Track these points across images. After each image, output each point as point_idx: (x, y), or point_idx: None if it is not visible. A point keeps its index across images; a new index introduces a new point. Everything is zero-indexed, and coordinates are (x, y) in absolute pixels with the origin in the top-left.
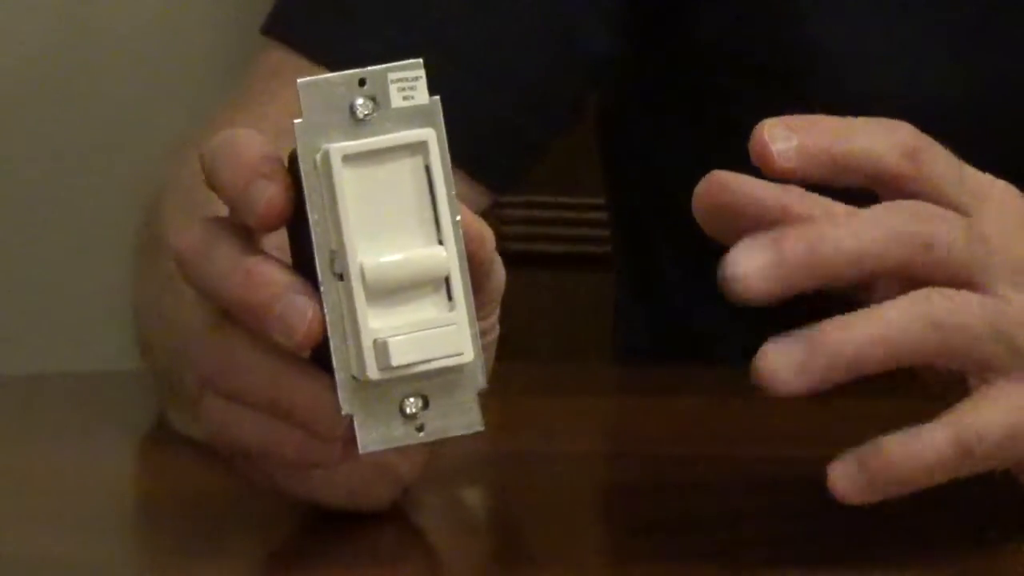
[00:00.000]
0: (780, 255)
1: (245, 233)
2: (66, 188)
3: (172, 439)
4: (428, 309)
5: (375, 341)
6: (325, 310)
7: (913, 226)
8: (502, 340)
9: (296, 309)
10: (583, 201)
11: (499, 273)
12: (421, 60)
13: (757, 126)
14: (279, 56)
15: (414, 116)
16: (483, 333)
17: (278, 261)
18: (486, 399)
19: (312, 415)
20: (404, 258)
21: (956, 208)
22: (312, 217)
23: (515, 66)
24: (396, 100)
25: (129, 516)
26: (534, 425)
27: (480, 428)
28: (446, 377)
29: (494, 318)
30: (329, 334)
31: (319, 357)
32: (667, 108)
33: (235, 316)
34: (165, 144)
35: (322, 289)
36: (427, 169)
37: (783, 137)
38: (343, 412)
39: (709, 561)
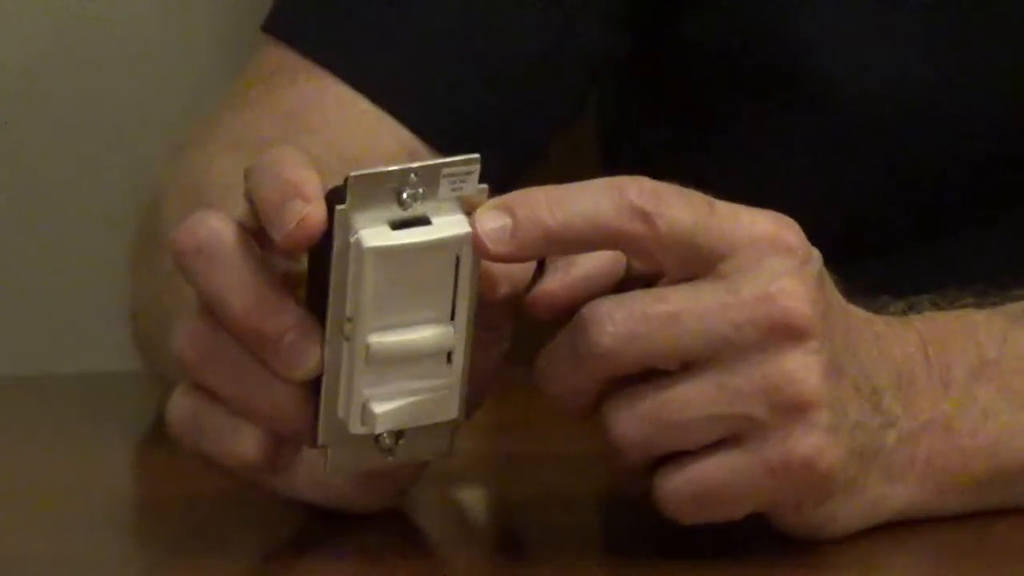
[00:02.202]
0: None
1: (255, 239)
2: (66, 188)
3: (171, 440)
4: (424, 375)
5: (364, 405)
6: (326, 350)
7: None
8: None
9: (301, 349)
10: None
11: (520, 297)
12: (478, 156)
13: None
14: (279, 54)
15: (459, 203)
16: (493, 345)
17: (288, 287)
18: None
19: (285, 418)
20: (412, 338)
21: (706, 258)
22: (333, 278)
23: (514, 61)
24: (444, 192)
25: (129, 516)
26: (534, 425)
27: (447, 456)
28: None
29: (506, 331)
30: (324, 371)
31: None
32: (665, 108)
33: (235, 334)
34: (165, 144)
35: (327, 335)
36: (456, 258)
37: (494, 218)
38: (319, 443)
39: (710, 561)
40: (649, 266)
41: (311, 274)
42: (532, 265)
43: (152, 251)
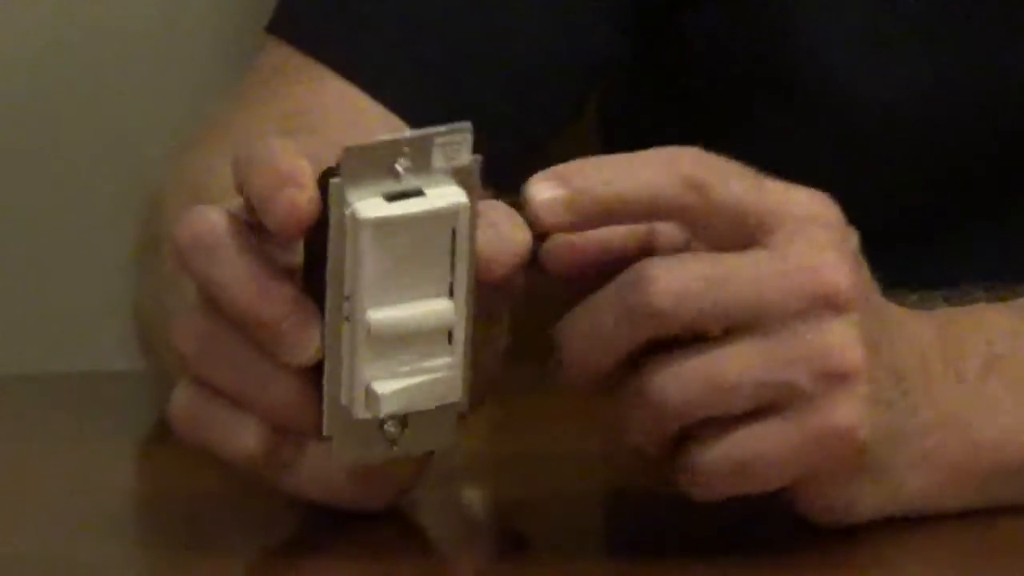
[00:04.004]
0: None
1: (251, 231)
2: (66, 188)
3: (173, 439)
4: (426, 355)
5: (367, 388)
6: (326, 335)
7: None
8: None
9: (302, 332)
10: None
11: (517, 283)
12: (470, 124)
13: (527, 182)
14: (281, 54)
15: (452, 173)
16: (492, 340)
17: (286, 275)
18: (485, 402)
19: (288, 411)
20: (411, 313)
21: (754, 230)
22: (331, 258)
23: (517, 62)
24: (438, 161)
25: (129, 516)
26: (534, 425)
27: (453, 445)
28: None
29: (505, 324)
30: (325, 356)
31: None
32: (668, 110)
33: (235, 321)
34: (165, 144)
35: (327, 318)
36: (452, 230)
37: (549, 188)
38: (324, 433)
39: (711, 561)
40: (697, 237)
41: (307, 260)
42: (528, 247)
43: (154, 251)
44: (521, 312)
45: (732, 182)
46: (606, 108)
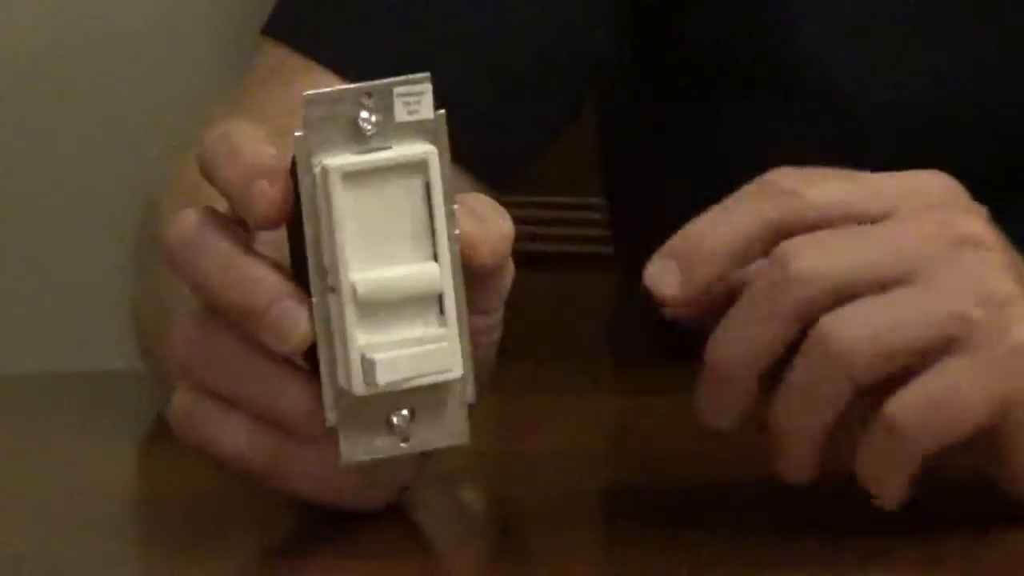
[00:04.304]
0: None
1: (240, 227)
2: (66, 188)
3: (172, 439)
4: (419, 325)
5: (363, 358)
6: (315, 319)
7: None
8: (502, 340)
9: (290, 316)
10: (583, 201)
11: (506, 273)
12: (428, 74)
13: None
14: (278, 55)
15: (418, 131)
16: (485, 333)
17: (273, 263)
18: (484, 401)
19: (289, 414)
20: (396, 276)
21: (872, 216)
22: (308, 229)
23: (514, 62)
24: (401, 114)
25: (129, 516)
26: (534, 425)
27: (465, 441)
28: (434, 390)
29: (498, 316)
30: (318, 343)
31: (307, 355)
32: (667, 110)
33: (225, 315)
34: (165, 144)
35: (314, 300)
36: (426, 185)
37: (661, 267)
38: (328, 423)
39: (711, 561)
40: None
41: (292, 251)
42: (511, 234)
43: (152, 251)
44: (519, 311)
45: (825, 182)
46: (605, 108)
